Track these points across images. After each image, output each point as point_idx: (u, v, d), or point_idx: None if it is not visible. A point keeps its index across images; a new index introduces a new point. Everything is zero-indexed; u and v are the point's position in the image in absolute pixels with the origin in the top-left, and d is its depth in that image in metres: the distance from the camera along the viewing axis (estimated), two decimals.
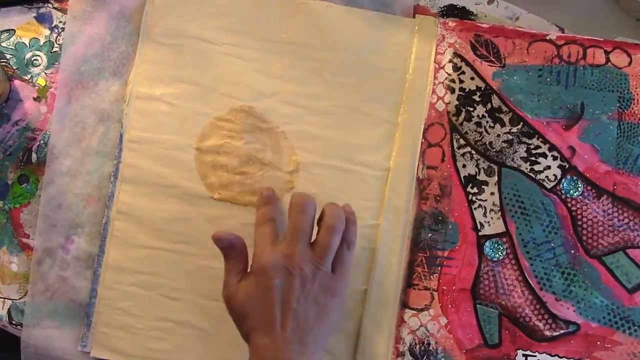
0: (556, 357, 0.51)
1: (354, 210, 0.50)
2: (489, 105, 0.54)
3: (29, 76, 0.56)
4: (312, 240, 0.48)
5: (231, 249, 0.48)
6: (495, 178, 0.53)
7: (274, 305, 0.45)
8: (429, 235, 0.53)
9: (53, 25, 0.57)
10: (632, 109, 0.53)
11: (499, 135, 0.53)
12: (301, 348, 0.45)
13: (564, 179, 0.53)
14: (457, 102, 0.54)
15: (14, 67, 0.57)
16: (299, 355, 0.45)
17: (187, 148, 0.54)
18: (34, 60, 0.57)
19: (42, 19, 0.57)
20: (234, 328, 0.47)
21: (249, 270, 0.48)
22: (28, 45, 0.57)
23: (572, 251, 0.52)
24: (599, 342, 0.51)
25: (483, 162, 0.53)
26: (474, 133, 0.54)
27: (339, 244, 0.48)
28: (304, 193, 0.49)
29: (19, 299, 0.55)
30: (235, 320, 0.47)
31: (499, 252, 0.52)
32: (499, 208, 0.53)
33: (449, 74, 0.54)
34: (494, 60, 0.54)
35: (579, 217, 0.52)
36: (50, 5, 0.57)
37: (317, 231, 0.48)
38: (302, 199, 0.48)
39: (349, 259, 0.49)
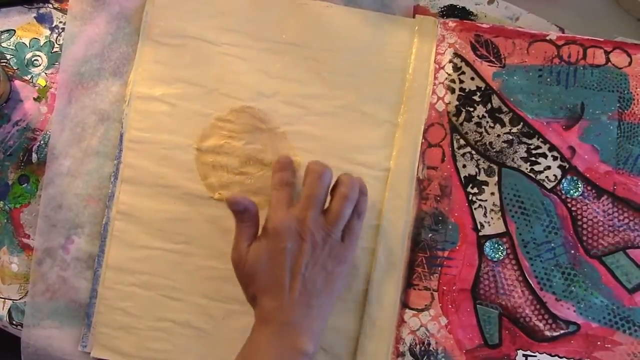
0: (556, 357, 0.51)
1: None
2: (489, 106, 0.54)
3: (29, 76, 0.57)
4: (325, 208, 0.49)
5: (245, 212, 0.48)
6: (496, 178, 0.53)
7: (284, 268, 0.46)
8: (429, 235, 0.53)
9: (53, 25, 0.57)
10: (632, 109, 0.53)
11: (499, 136, 0.53)
12: (307, 311, 0.46)
13: (564, 179, 0.53)
14: (457, 103, 0.54)
15: (14, 68, 0.57)
16: (304, 318, 0.46)
17: (188, 148, 0.54)
18: (34, 60, 0.57)
19: (42, 19, 0.57)
20: (234, 328, 0.47)
21: (259, 234, 0.49)
22: (28, 45, 0.57)
23: (572, 251, 0.52)
24: (599, 342, 0.51)
25: (483, 162, 0.53)
26: (474, 133, 0.54)
27: (350, 214, 0.49)
28: (320, 161, 0.49)
29: (20, 299, 0.55)
30: (242, 283, 0.48)
31: (499, 252, 0.52)
32: (499, 208, 0.53)
33: (449, 74, 0.54)
34: (494, 60, 0.54)
35: (579, 217, 0.52)
36: (50, 5, 0.57)
37: (330, 199, 0.49)
38: (320, 167, 0.48)
39: (359, 229, 0.50)
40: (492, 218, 0.53)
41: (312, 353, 0.45)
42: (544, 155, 0.53)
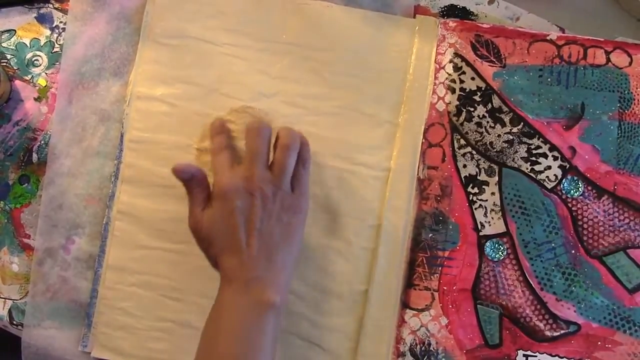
0: (557, 357, 0.51)
1: (355, 210, 0.51)
2: (490, 106, 0.54)
3: (29, 76, 0.57)
4: (269, 163, 0.49)
5: (192, 179, 0.48)
6: (496, 178, 0.53)
7: (238, 227, 0.46)
8: (430, 235, 0.53)
9: (54, 25, 0.57)
10: (633, 109, 0.53)
11: (499, 136, 0.53)
12: (269, 265, 0.46)
13: (564, 179, 0.53)
14: (458, 102, 0.54)
15: (15, 68, 0.57)
16: (267, 272, 0.46)
17: (188, 148, 0.54)
18: (35, 60, 0.57)
19: (42, 19, 0.57)
20: None
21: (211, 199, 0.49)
22: (29, 45, 0.57)
23: (573, 251, 0.52)
24: (599, 343, 0.51)
25: (484, 162, 0.53)
26: (475, 133, 0.54)
27: (294, 163, 0.49)
28: (258, 120, 0.50)
29: (20, 299, 0.55)
30: (202, 249, 0.48)
31: (500, 252, 0.52)
32: (499, 208, 0.53)
33: (450, 74, 0.54)
34: (494, 60, 0.54)
35: (580, 217, 0.52)
36: (50, 5, 0.57)
37: (273, 154, 0.49)
38: (257, 124, 0.49)
39: (306, 177, 0.50)
40: (492, 218, 0.53)
41: (279, 305, 0.46)
42: (545, 155, 0.53)
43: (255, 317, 0.45)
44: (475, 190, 0.53)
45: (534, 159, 0.53)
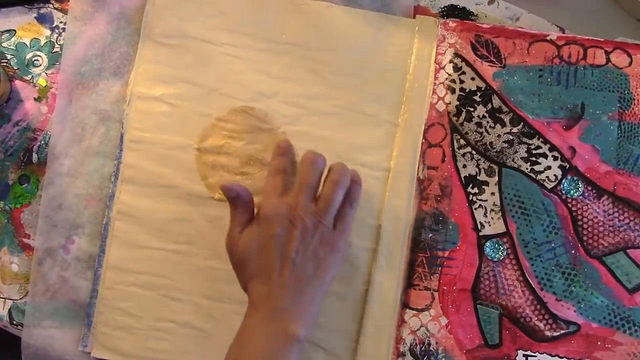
0: (557, 357, 0.51)
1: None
2: (490, 106, 0.54)
3: (29, 76, 0.57)
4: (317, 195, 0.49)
5: (238, 199, 0.49)
6: (496, 178, 0.53)
7: (274, 254, 0.46)
8: (430, 235, 0.53)
9: (54, 25, 0.57)
10: (633, 109, 0.53)
11: (499, 136, 0.53)
12: (297, 298, 0.46)
13: (564, 179, 0.53)
14: (458, 103, 0.54)
15: (15, 68, 0.57)
16: (294, 305, 0.46)
17: (188, 148, 0.54)
18: (35, 60, 0.57)
19: (42, 19, 0.57)
20: (234, 328, 0.47)
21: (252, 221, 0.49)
22: (29, 45, 0.57)
23: (573, 251, 0.52)
24: (599, 343, 0.51)
25: (483, 162, 0.53)
26: (475, 133, 0.54)
27: (341, 200, 0.49)
28: (314, 151, 0.50)
29: (20, 299, 0.55)
30: (236, 270, 0.48)
31: (500, 252, 0.52)
32: (499, 208, 0.53)
33: (450, 74, 0.54)
34: (494, 60, 0.54)
35: (580, 217, 0.52)
36: (50, 5, 0.57)
37: (322, 187, 0.49)
38: (313, 154, 0.49)
39: (351, 217, 0.50)
40: (492, 218, 0.53)
41: (302, 338, 0.45)
42: (545, 156, 0.53)
43: (279, 347, 0.45)
44: (475, 190, 0.53)
45: (533, 159, 0.53)
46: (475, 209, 0.53)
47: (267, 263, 0.46)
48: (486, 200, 0.53)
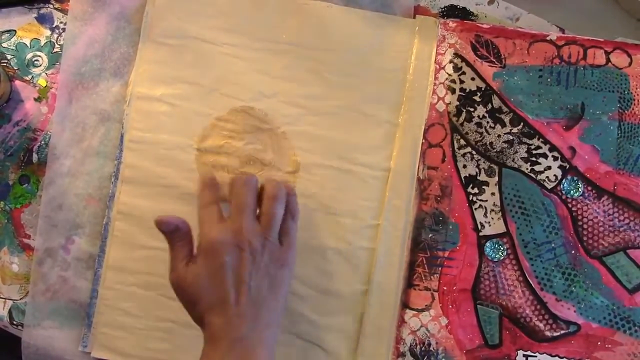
0: (557, 357, 0.51)
1: (354, 210, 0.51)
2: (490, 106, 0.54)
3: (29, 77, 0.57)
4: (257, 215, 0.48)
5: (176, 232, 0.47)
6: (496, 178, 0.53)
7: (227, 282, 0.45)
8: (430, 235, 0.53)
9: (54, 25, 0.57)
10: (633, 109, 0.53)
11: (499, 136, 0.53)
12: (256, 323, 0.45)
13: (564, 180, 0.53)
14: (458, 103, 0.54)
15: (15, 68, 0.57)
16: (253, 332, 0.44)
17: (188, 148, 0.54)
18: (35, 60, 0.57)
19: (42, 19, 0.57)
20: None
21: (195, 253, 0.47)
22: (29, 45, 0.57)
23: (573, 251, 0.52)
24: (599, 343, 0.51)
25: (483, 162, 0.53)
26: (475, 133, 0.54)
27: (282, 215, 0.48)
28: (242, 175, 0.49)
29: (20, 299, 0.55)
30: (186, 305, 0.47)
31: (500, 253, 0.52)
32: (499, 208, 0.53)
33: (450, 75, 0.54)
34: (494, 60, 0.54)
35: (580, 217, 0.52)
36: (51, 5, 0.57)
37: (259, 205, 0.48)
38: (242, 177, 0.48)
39: (294, 229, 0.49)
40: (492, 218, 0.53)
41: None
42: (545, 156, 0.53)
43: None
44: (475, 190, 0.53)
45: (534, 159, 0.53)
46: (476, 209, 0.53)
47: (221, 293, 0.45)
48: (486, 201, 0.53)
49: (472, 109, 0.54)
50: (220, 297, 0.45)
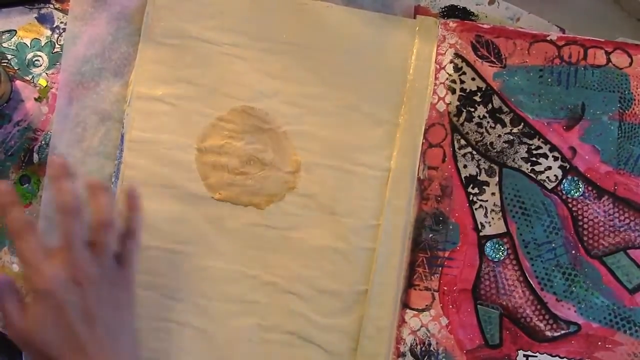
0: (557, 357, 0.51)
1: (355, 210, 0.50)
2: (490, 106, 0.54)
3: (30, 76, 0.57)
4: (88, 239, 0.44)
5: (5, 289, 0.43)
6: (496, 178, 0.53)
7: (75, 321, 0.42)
8: (430, 235, 0.53)
9: (54, 25, 0.57)
10: (633, 109, 0.53)
11: (499, 136, 0.53)
12: (116, 351, 0.43)
13: (564, 180, 0.53)
14: (458, 103, 0.54)
15: (15, 68, 0.57)
16: (118, 358, 0.43)
17: (188, 148, 0.54)
18: (35, 60, 0.57)
19: (43, 19, 0.57)
20: (234, 328, 0.47)
21: (26, 300, 0.43)
22: (29, 45, 0.57)
23: (573, 251, 0.52)
24: (599, 343, 0.51)
25: (484, 162, 0.53)
26: (475, 133, 0.54)
27: (117, 235, 0.46)
28: (64, 190, 0.44)
29: None
30: (39, 358, 0.43)
31: (500, 253, 0.52)
32: (499, 208, 0.53)
33: (450, 75, 0.54)
34: (494, 60, 0.54)
35: (580, 217, 0.52)
36: (51, 5, 0.57)
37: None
38: (62, 199, 0.43)
39: (134, 250, 0.47)
40: (492, 218, 0.53)
41: None
42: (545, 156, 0.53)
43: None
44: (476, 190, 0.53)
45: (534, 159, 0.53)
46: (476, 209, 0.53)
47: (72, 334, 0.42)
48: (487, 201, 0.53)
49: (472, 109, 0.54)
50: (73, 338, 0.42)
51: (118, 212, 0.46)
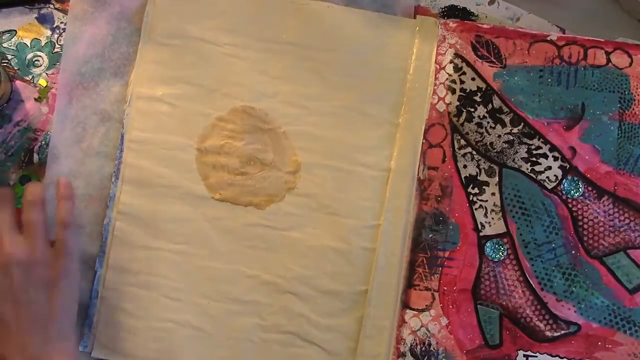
0: (557, 357, 0.51)
1: (355, 210, 0.50)
2: (490, 106, 0.54)
3: (30, 77, 0.57)
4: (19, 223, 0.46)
5: None
6: (496, 179, 0.53)
7: (3, 305, 0.43)
8: (430, 235, 0.53)
9: (54, 25, 0.57)
10: (633, 109, 0.53)
11: (499, 136, 0.53)
12: (45, 338, 0.43)
13: (564, 180, 0.53)
14: (458, 103, 0.54)
15: (16, 68, 0.57)
16: (45, 345, 0.43)
17: (188, 148, 0.54)
18: (35, 60, 0.57)
19: (43, 19, 0.57)
20: (234, 328, 0.47)
21: None
22: (29, 45, 0.57)
23: (573, 252, 0.52)
24: (599, 343, 0.51)
25: (484, 162, 0.53)
26: (475, 134, 0.54)
27: (46, 219, 0.46)
28: None
29: None
30: None
31: (500, 253, 0.52)
32: (499, 208, 0.53)
33: (450, 75, 0.54)
34: (494, 60, 0.54)
35: (580, 217, 0.52)
36: (51, 6, 0.57)
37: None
38: None
39: (70, 237, 0.47)
40: (492, 218, 0.53)
41: None
42: (545, 156, 0.53)
43: None
44: (476, 190, 0.53)
45: (534, 159, 0.53)
46: (476, 209, 0.53)
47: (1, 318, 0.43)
48: (486, 201, 0.53)
49: (472, 109, 0.54)
50: (0, 323, 0.43)
51: (48, 198, 0.47)
